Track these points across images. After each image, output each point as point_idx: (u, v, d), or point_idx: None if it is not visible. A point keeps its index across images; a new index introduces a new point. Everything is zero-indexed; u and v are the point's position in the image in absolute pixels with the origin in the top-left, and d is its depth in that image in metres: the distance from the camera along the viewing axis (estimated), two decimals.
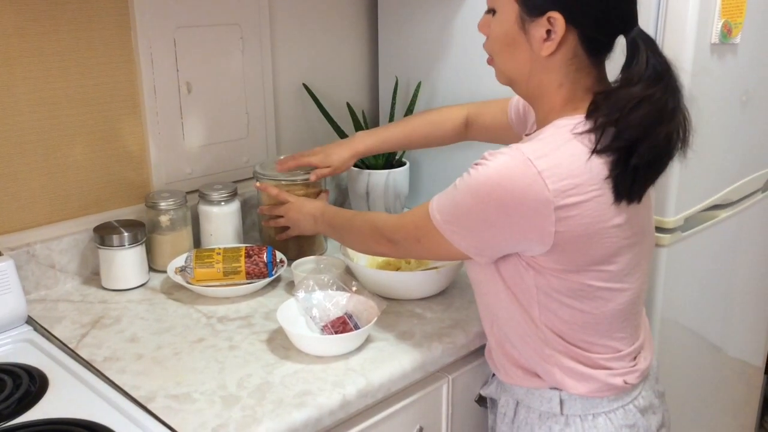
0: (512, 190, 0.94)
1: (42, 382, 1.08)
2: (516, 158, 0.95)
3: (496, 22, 1.04)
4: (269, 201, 1.52)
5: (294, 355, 1.14)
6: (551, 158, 0.94)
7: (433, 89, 1.73)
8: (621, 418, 1.07)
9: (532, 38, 0.99)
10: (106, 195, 1.48)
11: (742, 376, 2.07)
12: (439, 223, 1.03)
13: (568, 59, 1.00)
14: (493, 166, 0.96)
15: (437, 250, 1.08)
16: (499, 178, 0.95)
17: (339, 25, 1.82)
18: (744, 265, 1.84)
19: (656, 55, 0.97)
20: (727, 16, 1.42)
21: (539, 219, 0.94)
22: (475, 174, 0.98)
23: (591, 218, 0.96)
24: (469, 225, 1.00)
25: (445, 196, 1.04)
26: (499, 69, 1.08)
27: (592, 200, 0.95)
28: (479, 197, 0.97)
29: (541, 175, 0.93)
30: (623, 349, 1.08)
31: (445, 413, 1.24)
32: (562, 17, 0.96)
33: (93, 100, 1.41)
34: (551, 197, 0.93)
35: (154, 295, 1.38)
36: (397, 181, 1.70)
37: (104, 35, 1.40)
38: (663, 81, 0.96)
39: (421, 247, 1.10)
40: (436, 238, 1.04)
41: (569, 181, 0.94)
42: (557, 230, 0.95)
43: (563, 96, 1.02)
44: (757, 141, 1.70)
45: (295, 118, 1.78)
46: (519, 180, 0.94)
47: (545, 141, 0.97)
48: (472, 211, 0.99)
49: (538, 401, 1.10)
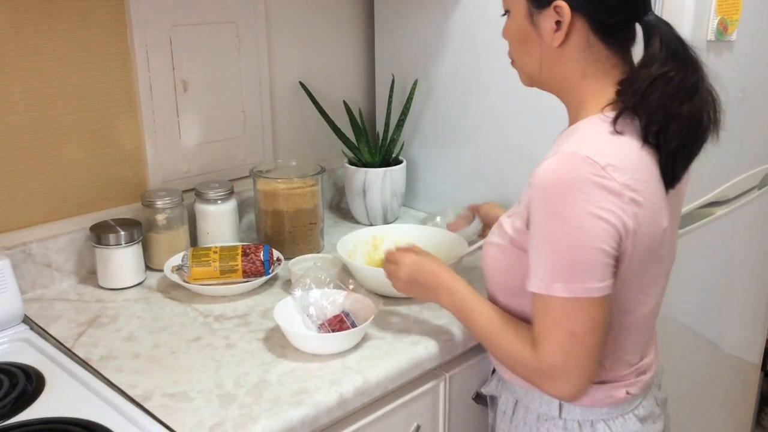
0: (583, 188, 0.89)
1: (38, 382, 1.08)
2: (573, 159, 0.91)
3: (511, 21, 1.04)
4: (265, 199, 1.52)
5: (291, 354, 1.14)
6: (608, 155, 0.91)
7: (430, 87, 1.73)
8: (620, 427, 1.06)
9: (542, 30, 0.99)
10: (103, 194, 1.47)
11: (739, 373, 2.08)
12: (565, 289, 0.92)
13: (583, 48, 0.99)
14: (550, 174, 0.91)
15: (597, 321, 0.93)
16: (565, 181, 0.90)
17: (335, 23, 1.82)
18: (740, 262, 1.85)
19: (672, 37, 0.97)
20: (723, 14, 1.42)
21: (619, 210, 0.91)
22: (536, 198, 0.92)
23: (652, 219, 0.95)
24: (580, 255, 0.91)
25: (537, 261, 0.95)
26: (520, 69, 1.08)
27: (649, 200, 0.94)
28: (558, 213, 0.91)
29: (606, 169, 0.90)
30: (634, 362, 1.07)
31: (442, 411, 1.24)
32: (566, 5, 0.96)
33: (89, 99, 1.41)
34: (621, 189, 0.91)
35: (150, 293, 1.37)
36: (394, 178, 1.70)
37: (100, 33, 1.40)
38: (678, 58, 0.96)
39: (580, 339, 0.93)
40: (584, 309, 0.93)
41: (631, 176, 0.92)
42: (634, 228, 0.92)
43: (590, 87, 1.00)
44: (753, 138, 1.71)
45: (292, 117, 1.78)
46: (587, 176, 0.89)
47: (591, 137, 0.95)
48: (566, 235, 0.91)
49: (537, 402, 1.09)
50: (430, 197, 1.79)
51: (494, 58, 1.57)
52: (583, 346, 0.94)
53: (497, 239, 1.06)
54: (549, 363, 0.95)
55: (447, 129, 1.72)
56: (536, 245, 0.95)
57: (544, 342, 0.95)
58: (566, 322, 0.93)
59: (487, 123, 1.62)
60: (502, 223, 1.06)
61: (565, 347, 0.94)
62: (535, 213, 0.94)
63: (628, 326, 1.04)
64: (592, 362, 0.95)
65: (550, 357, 0.95)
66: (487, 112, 1.62)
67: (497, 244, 1.06)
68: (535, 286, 0.95)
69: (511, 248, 1.03)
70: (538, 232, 0.94)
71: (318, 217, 1.56)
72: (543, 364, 0.96)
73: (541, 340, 0.96)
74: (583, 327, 0.93)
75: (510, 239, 1.03)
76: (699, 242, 1.61)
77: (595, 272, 0.92)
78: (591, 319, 0.93)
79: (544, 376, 0.97)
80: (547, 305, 0.94)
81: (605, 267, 0.92)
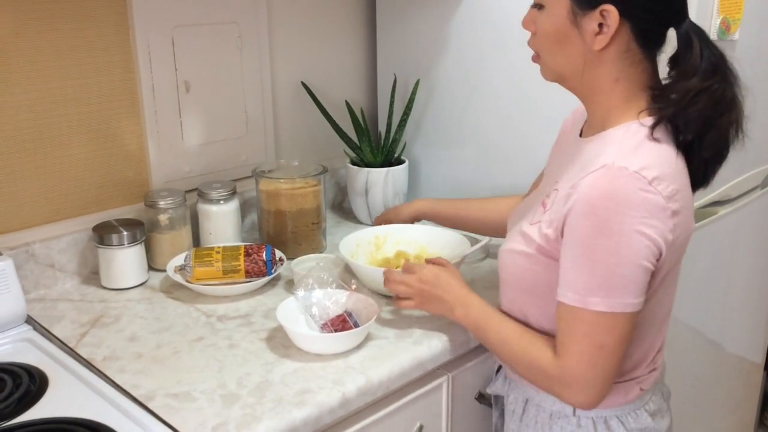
0: (632, 205, 0.90)
1: (42, 382, 1.08)
2: (622, 174, 0.91)
3: (545, 17, 1.00)
4: (267, 199, 1.52)
5: (294, 354, 1.14)
6: (653, 167, 0.92)
7: (432, 87, 1.72)
8: (633, 422, 1.07)
9: (584, 32, 0.97)
10: (105, 194, 1.48)
11: (742, 373, 2.08)
12: (602, 303, 0.93)
13: (622, 53, 0.98)
14: (599, 189, 0.92)
15: (625, 335, 0.95)
16: (614, 198, 0.91)
17: (337, 23, 1.82)
18: (743, 261, 1.85)
19: (709, 47, 0.97)
20: (726, 13, 1.42)
21: (662, 226, 0.92)
22: (581, 211, 0.93)
23: (686, 225, 0.97)
24: (622, 271, 0.92)
25: (573, 272, 0.95)
26: (548, 66, 1.04)
27: (685, 206, 0.96)
28: (605, 229, 0.91)
29: (652, 184, 0.91)
30: (649, 360, 1.08)
31: (445, 411, 1.24)
32: (616, 10, 0.94)
33: (91, 100, 1.41)
34: (666, 203, 0.92)
35: (153, 294, 1.38)
36: (396, 178, 1.70)
37: (102, 34, 1.40)
38: (719, 72, 0.96)
39: (607, 353, 0.95)
40: (617, 324, 0.94)
41: (673, 187, 0.93)
42: (673, 239, 0.94)
43: (621, 92, 1.00)
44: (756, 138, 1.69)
45: (294, 117, 1.78)
46: (635, 191, 0.90)
47: (633, 148, 0.94)
48: (610, 250, 0.91)
49: (549, 400, 1.09)
50: (432, 196, 1.79)
51: (496, 58, 1.57)
52: (609, 358, 0.95)
53: (521, 247, 1.05)
54: (572, 372, 0.97)
55: (449, 129, 1.72)
56: (574, 257, 0.95)
57: (570, 352, 0.97)
58: (597, 335, 0.94)
59: (489, 123, 1.62)
60: (525, 231, 1.05)
61: (592, 359, 0.95)
62: (576, 225, 0.94)
63: (653, 327, 1.05)
64: (614, 373, 0.97)
65: (575, 367, 0.96)
66: (489, 112, 1.62)
67: (522, 252, 1.05)
68: (568, 298, 0.95)
69: (537, 256, 1.02)
70: (578, 245, 0.94)
71: (320, 217, 1.56)
72: (566, 373, 0.97)
73: (567, 349, 0.97)
74: (613, 340, 0.94)
75: (537, 247, 1.02)
76: (702, 242, 1.61)
77: (634, 288, 0.93)
78: (621, 333, 0.95)
79: (566, 385, 0.98)
80: (578, 317, 0.95)
81: (642, 284, 0.94)
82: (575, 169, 0.99)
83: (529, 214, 1.08)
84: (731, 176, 1.65)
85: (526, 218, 1.08)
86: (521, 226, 1.07)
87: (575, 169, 0.99)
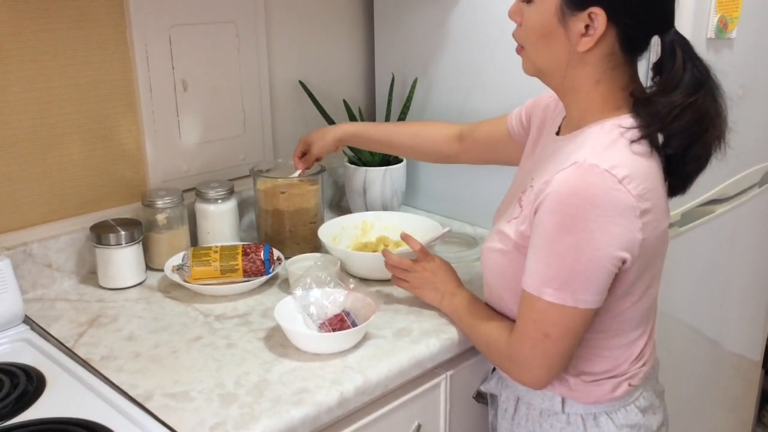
0: (599, 204, 0.91)
1: (39, 382, 1.08)
2: (592, 172, 0.92)
3: (533, 11, 1.00)
4: (265, 198, 1.52)
5: (291, 353, 1.14)
6: (624, 166, 0.92)
7: (430, 85, 1.72)
8: (622, 418, 1.08)
9: (570, 32, 0.97)
10: (103, 194, 1.47)
11: (740, 371, 2.08)
12: (554, 295, 0.95)
13: (605, 56, 0.98)
14: (568, 185, 0.93)
15: (572, 329, 0.97)
16: (582, 195, 0.92)
17: (335, 22, 1.82)
18: (741, 259, 1.85)
19: (693, 60, 0.96)
20: (723, 11, 1.42)
21: (631, 225, 0.93)
22: (550, 206, 0.94)
23: (658, 222, 0.97)
24: (579, 268, 0.94)
25: (535, 263, 0.97)
26: (530, 59, 1.04)
27: (657, 205, 0.96)
28: (570, 226, 0.92)
29: (623, 182, 0.91)
30: (635, 355, 1.08)
31: (443, 410, 1.24)
32: (604, 13, 0.94)
33: (88, 99, 1.41)
34: (636, 202, 0.92)
35: (151, 293, 1.37)
36: (395, 177, 1.70)
37: (99, 33, 1.40)
38: (703, 87, 0.96)
39: (551, 341, 0.98)
40: (564, 317, 0.96)
41: (644, 186, 0.93)
42: (643, 237, 0.94)
43: (601, 93, 1.00)
44: (753, 136, 1.70)
45: (292, 116, 1.78)
46: (605, 190, 0.91)
47: (606, 146, 0.95)
48: (571, 246, 0.93)
49: (539, 399, 1.10)
50: (430, 195, 1.79)
51: (494, 57, 1.57)
52: (552, 347, 0.99)
53: (499, 245, 1.07)
54: (519, 353, 1.03)
55: None
56: (538, 248, 0.97)
57: (520, 334, 1.02)
58: (544, 324, 0.98)
59: None
60: (502, 229, 1.07)
61: (535, 344, 1.00)
62: (544, 219, 0.95)
63: (633, 322, 1.05)
64: (558, 361, 1.01)
65: (521, 348, 1.02)
66: (487, 110, 1.61)
67: (500, 250, 1.07)
68: (527, 284, 0.99)
69: (515, 253, 1.04)
70: (543, 238, 0.96)
71: (318, 216, 1.56)
72: (514, 352, 1.04)
73: (518, 331, 1.02)
74: (558, 331, 0.98)
75: (514, 244, 1.04)
76: (700, 240, 1.61)
77: (589, 286, 0.95)
78: (567, 327, 0.97)
79: (514, 363, 1.05)
80: (532, 304, 0.98)
81: (601, 282, 0.95)
82: (550, 167, 1.00)
83: (507, 212, 1.10)
84: (728, 175, 1.65)
85: (504, 217, 1.10)
86: (500, 224, 1.10)
87: (550, 168, 0.99)
